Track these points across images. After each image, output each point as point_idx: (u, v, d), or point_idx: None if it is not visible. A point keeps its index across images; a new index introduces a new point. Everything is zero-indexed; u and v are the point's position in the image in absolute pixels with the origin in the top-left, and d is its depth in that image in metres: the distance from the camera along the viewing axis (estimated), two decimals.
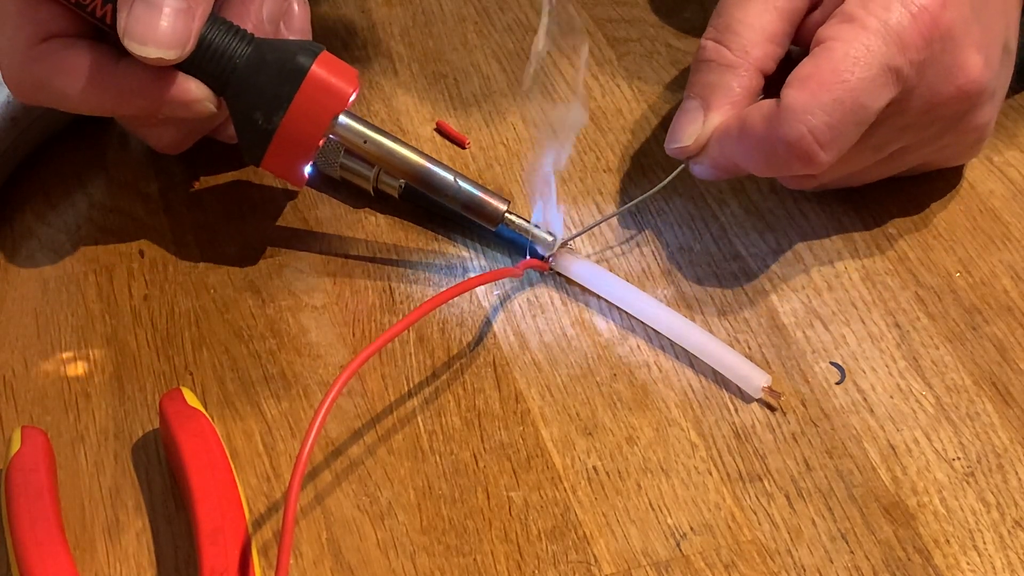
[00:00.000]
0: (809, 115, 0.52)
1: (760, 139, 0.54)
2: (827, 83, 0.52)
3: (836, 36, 0.53)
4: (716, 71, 0.56)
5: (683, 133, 0.56)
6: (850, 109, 0.52)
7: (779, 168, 0.54)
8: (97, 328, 0.56)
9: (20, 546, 0.46)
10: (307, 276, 0.59)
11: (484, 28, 0.71)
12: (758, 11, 0.56)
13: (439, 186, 0.56)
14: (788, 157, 0.53)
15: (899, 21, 0.53)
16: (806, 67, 0.53)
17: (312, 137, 0.54)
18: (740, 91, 0.56)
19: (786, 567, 0.49)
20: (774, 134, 0.53)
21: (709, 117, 0.56)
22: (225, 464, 0.49)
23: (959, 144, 0.58)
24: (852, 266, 0.59)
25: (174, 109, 0.54)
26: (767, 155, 0.54)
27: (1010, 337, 0.56)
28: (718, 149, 0.56)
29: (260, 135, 0.54)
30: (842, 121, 0.53)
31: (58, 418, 0.53)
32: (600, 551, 0.49)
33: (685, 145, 0.56)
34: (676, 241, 0.60)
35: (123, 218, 0.61)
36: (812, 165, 0.53)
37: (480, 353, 0.56)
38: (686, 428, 0.53)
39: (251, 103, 0.53)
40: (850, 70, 0.52)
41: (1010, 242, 0.60)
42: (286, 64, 0.53)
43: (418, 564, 0.49)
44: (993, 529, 0.50)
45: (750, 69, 0.56)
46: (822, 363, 0.55)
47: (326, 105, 0.54)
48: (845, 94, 0.52)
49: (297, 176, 0.56)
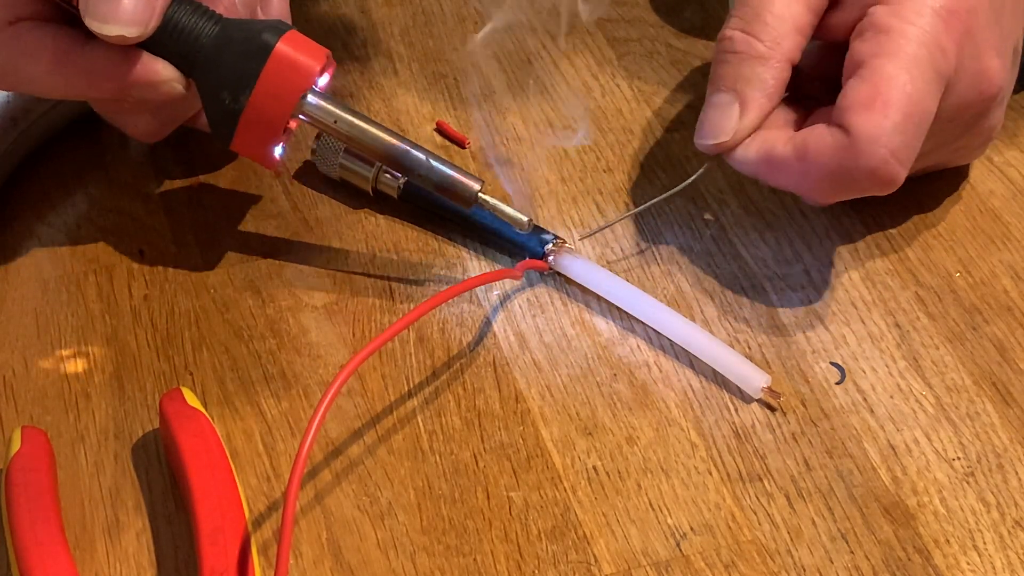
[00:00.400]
0: (887, 137, 0.51)
1: (835, 170, 0.52)
2: (893, 102, 0.51)
3: (879, 52, 0.52)
4: (748, 63, 0.55)
5: (719, 128, 0.55)
6: (920, 122, 0.52)
7: (852, 194, 0.54)
8: (97, 328, 0.56)
9: (20, 546, 0.46)
10: (307, 276, 0.59)
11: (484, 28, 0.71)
12: (788, 1, 0.55)
13: (412, 166, 0.55)
14: (870, 184, 0.52)
15: (933, 26, 0.52)
16: (863, 90, 0.52)
17: (280, 116, 0.53)
18: (774, 83, 0.55)
19: (786, 567, 0.49)
20: (854, 164, 0.52)
21: (746, 111, 0.55)
22: (225, 464, 0.49)
23: (970, 145, 0.58)
24: (852, 266, 0.59)
25: (142, 91, 0.53)
26: (844, 184, 0.53)
27: (1010, 337, 0.56)
28: (766, 170, 0.55)
29: (228, 115, 0.53)
30: (916, 136, 0.52)
31: (58, 418, 0.53)
32: (600, 551, 0.49)
33: (723, 141, 0.55)
34: (676, 241, 0.60)
35: (123, 218, 0.61)
36: (894, 186, 0.53)
37: (480, 353, 0.56)
38: (686, 428, 0.53)
39: (218, 82, 0.53)
40: (909, 83, 0.52)
41: (1010, 242, 0.60)
42: (252, 42, 0.52)
43: (418, 564, 0.49)
44: (993, 529, 0.50)
45: (782, 60, 0.55)
46: (822, 363, 0.55)
47: (293, 83, 0.53)
48: (912, 108, 0.52)
49: (267, 158, 0.55)
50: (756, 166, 0.55)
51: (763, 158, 0.54)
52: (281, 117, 0.53)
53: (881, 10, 0.53)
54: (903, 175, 0.52)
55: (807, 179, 0.54)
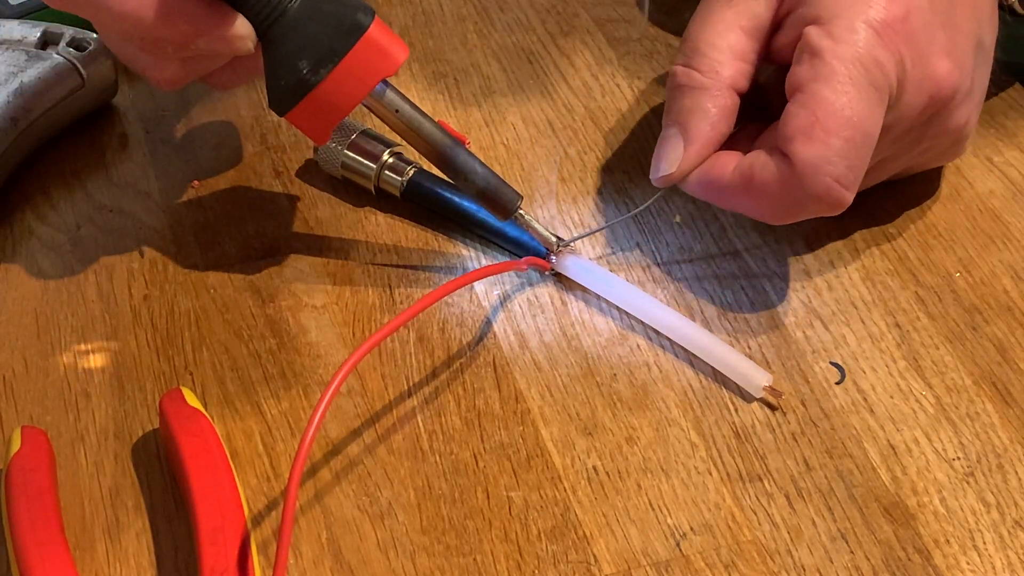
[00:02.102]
0: (829, 165, 0.52)
1: (780, 197, 0.53)
2: (832, 128, 0.52)
3: (814, 76, 0.52)
4: (689, 95, 0.55)
5: (665, 162, 0.56)
6: (862, 143, 0.52)
7: (802, 217, 0.54)
8: (97, 328, 0.56)
9: (20, 546, 0.46)
10: (307, 276, 0.59)
11: (484, 28, 0.71)
12: (722, 31, 0.56)
13: (461, 168, 0.55)
14: (816, 208, 0.53)
15: (867, 41, 0.52)
16: (800, 117, 0.52)
17: (353, 96, 0.53)
18: (716, 111, 0.55)
19: (786, 567, 0.49)
20: (798, 191, 0.52)
21: (690, 143, 0.55)
22: (225, 464, 0.49)
23: (938, 147, 0.58)
24: (852, 266, 0.59)
25: (213, 42, 0.52)
26: (791, 209, 0.53)
27: (1010, 337, 0.56)
28: (715, 197, 0.55)
29: (299, 84, 0.52)
30: (860, 157, 0.52)
31: (58, 418, 0.53)
32: (600, 551, 0.49)
33: (668, 173, 0.56)
34: (676, 241, 0.60)
35: (123, 218, 0.61)
36: (840, 208, 0.53)
37: (480, 353, 0.56)
38: (686, 428, 0.53)
39: (298, 51, 0.52)
40: (847, 106, 0.52)
41: (1010, 242, 0.60)
42: (344, 18, 0.52)
43: (418, 564, 0.49)
44: (993, 529, 0.50)
45: (723, 88, 0.55)
46: (822, 363, 0.55)
47: (376, 67, 0.52)
48: (852, 132, 0.52)
49: (323, 133, 0.54)
50: (705, 193, 0.56)
51: (712, 186, 0.55)
52: (355, 98, 0.53)
53: (814, 31, 0.53)
54: (849, 198, 0.53)
55: (755, 205, 0.54)
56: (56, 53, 0.63)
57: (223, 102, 0.67)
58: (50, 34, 0.64)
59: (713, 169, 0.55)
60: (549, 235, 0.57)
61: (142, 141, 0.65)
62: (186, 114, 0.66)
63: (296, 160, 0.64)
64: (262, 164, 0.64)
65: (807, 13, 0.54)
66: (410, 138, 0.55)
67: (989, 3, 0.57)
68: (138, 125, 0.66)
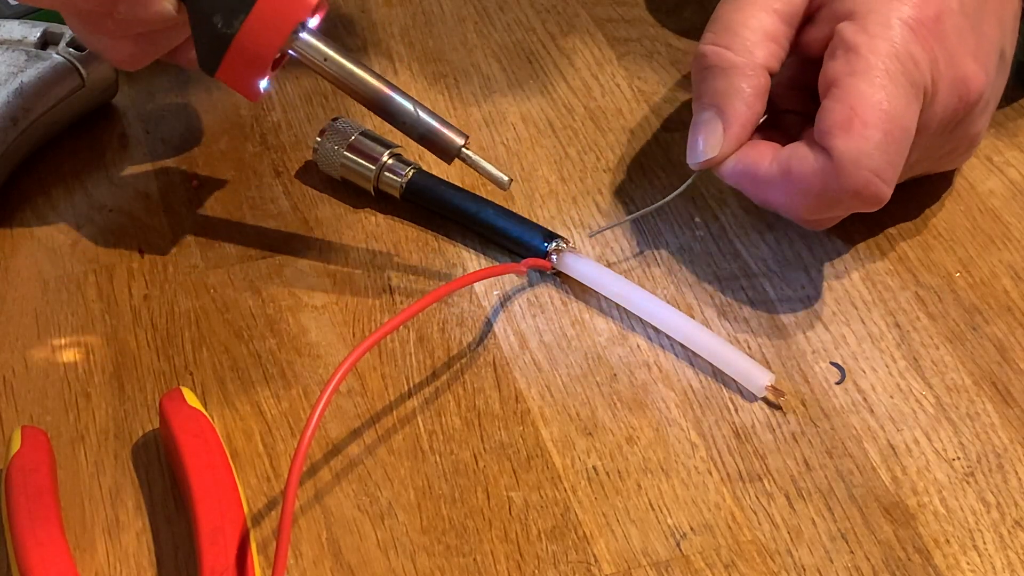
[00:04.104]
0: (868, 159, 0.51)
1: (820, 191, 0.53)
2: (871, 121, 0.51)
3: (851, 70, 0.52)
4: (722, 76, 0.55)
5: (705, 145, 0.55)
6: (901, 138, 0.52)
7: (838, 212, 0.54)
8: (97, 328, 0.56)
9: (20, 546, 0.46)
10: (307, 276, 0.59)
11: (484, 28, 0.71)
12: (755, 12, 0.55)
13: (397, 113, 0.54)
14: (855, 203, 0.53)
15: (903, 37, 0.52)
16: (839, 110, 0.52)
17: (271, 46, 0.53)
18: (751, 91, 0.55)
19: (786, 567, 0.49)
20: (837, 186, 0.52)
21: (729, 125, 0.55)
22: (225, 464, 0.49)
23: (953, 152, 0.58)
24: (852, 266, 0.59)
25: (132, 7, 0.52)
26: (828, 204, 0.53)
27: (1010, 337, 0.56)
28: (752, 187, 0.55)
29: (217, 40, 0.52)
30: (899, 152, 0.52)
31: (58, 418, 0.53)
32: (600, 551, 0.49)
33: (710, 158, 0.55)
34: (676, 241, 0.60)
35: (123, 218, 0.61)
36: (879, 204, 0.53)
37: (480, 353, 0.56)
38: (686, 428, 0.53)
39: (212, 6, 0.52)
40: (885, 100, 0.52)
41: (1010, 242, 0.60)
42: None
43: (418, 564, 0.49)
44: (993, 529, 0.50)
45: (756, 68, 0.55)
46: (822, 363, 0.55)
47: (287, 13, 0.52)
48: (891, 125, 0.52)
49: (252, 89, 0.54)
50: (742, 181, 0.55)
51: (749, 175, 0.55)
52: (272, 47, 0.53)
53: (848, 27, 0.53)
54: (888, 193, 0.53)
55: (792, 198, 0.54)
56: (56, 53, 0.63)
57: (223, 102, 0.67)
58: (50, 34, 0.64)
59: (750, 157, 0.55)
60: (500, 175, 0.55)
61: (142, 141, 0.65)
62: (186, 114, 0.66)
63: (296, 160, 0.64)
64: (262, 164, 0.64)
65: (840, 8, 0.54)
66: (343, 87, 0.55)
67: (1013, 14, 0.57)
68: (138, 125, 0.66)
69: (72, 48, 0.63)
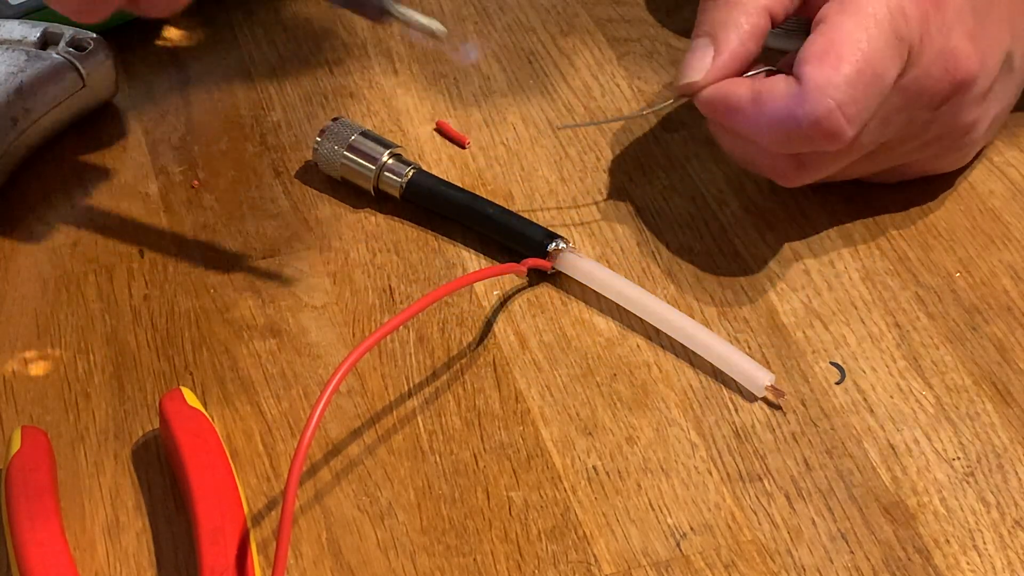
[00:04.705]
0: (836, 90, 0.52)
1: (783, 118, 0.53)
2: (845, 56, 0.52)
3: (841, 10, 0.53)
4: (723, 8, 0.56)
5: (692, 69, 0.56)
6: (871, 79, 0.53)
7: (799, 145, 0.54)
8: (97, 328, 0.56)
9: (20, 546, 0.46)
10: (307, 276, 0.59)
11: (484, 28, 0.71)
12: None
13: None
14: (814, 134, 0.53)
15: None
16: (818, 43, 0.53)
17: None
18: (748, 28, 0.56)
19: (786, 567, 0.49)
20: (799, 111, 0.53)
21: (719, 53, 0.56)
22: (225, 464, 0.49)
23: (942, 144, 0.58)
24: (852, 266, 0.59)
25: None
26: (789, 132, 0.54)
27: (1010, 337, 0.56)
28: (723, 113, 0.56)
29: None
30: (865, 92, 0.53)
31: (58, 418, 0.53)
32: (600, 551, 0.49)
33: (694, 80, 0.56)
34: (676, 241, 0.60)
35: (123, 218, 0.61)
36: (838, 141, 0.53)
37: (480, 353, 0.56)
38: (686, 428, 0.53)
39: None
40: (865, 40, 0.53)
41: (1010, 242, 0.60)
42: None
43: (418, 564, 0.49)
44: (993, 529, 0.50)
45: (758, 7, 0.56)
46: (822, 363, 0.55)
47: None
48: (864, 64, 0.52)
49: None
50: (714, 107, 0.56)
51: (722, 101, 0.55)
52: None
53: None
54: (848, 131, 0.53)
55: (758, 125, 0.54)
56: (56, 53, 0.63)
57: (223, 102, 0.67)
58: (50, 34, 0.64)
59: (727, 85, 0.56)
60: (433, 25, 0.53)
61: (142, 141, 0.65)
62: (186, 114, 0.66)
63: (296, 160, 0.64)
64: (262, 164, 0.64)
65: None
66: None
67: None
68: (138, 125, 0.66)
69: (72, 48, 0.63)
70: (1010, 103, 0.60)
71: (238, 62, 0.69)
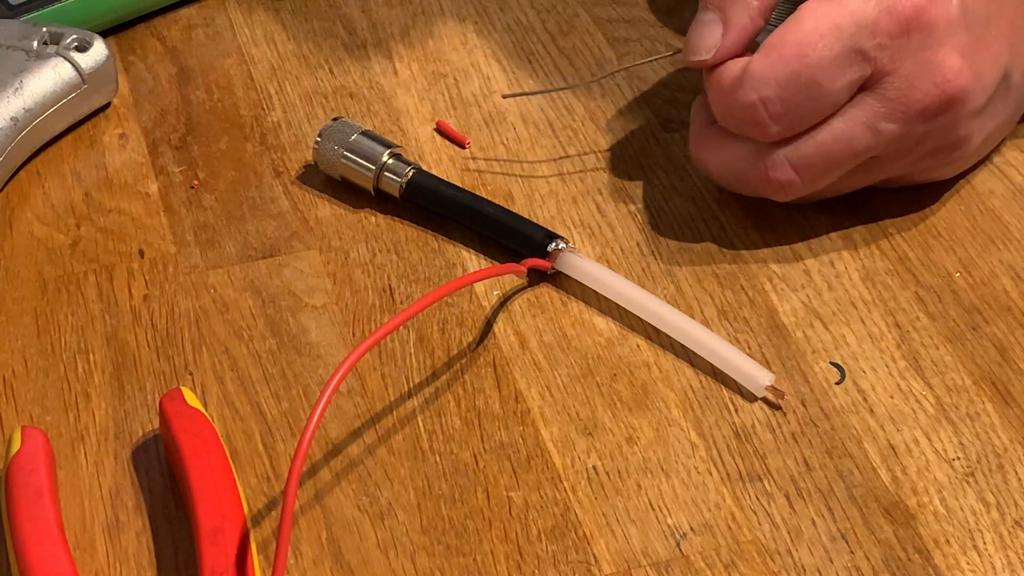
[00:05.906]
0: (764, 85, 0.54)
1: (722, 96, 0.55)
2: (787, 57, 0.54)
3: (813, 8, 0.54)
4: None
5: (701, 45, 0.57)
6: (805, 85, 0.54)
7: (735, 127, 0.56)
8: (97, 328, 0.56)
9: (20, 546, 0.46)
10: (307, 276, 0.59)
11: (484, 28, 0.71)
12: None
13: None
14: (742, 120, 0.55)
15: (877, 3, 0.54)
16: (775, 35, 0.54)
17: None
18: (758, 5, 0.56)
19: (786, 567, 0.49)
20: (733, 95, 0.54)
21: (728, 30, 0.56)
22: (225, 464, 0.49)
23: (936, 159, 0.58)
24: (852, 266, 0.59)
25: None
26: (725, 112, 0.56)
27: (1010, 337, 0.56)
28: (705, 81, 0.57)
29: None
30: (795, 96, 0.54)
31: (58, 418, 0.53)
32: (600, 551, 0.49)
33: (704, 58, 0.56)
34: (676, 241, 0.60)
35: (123, 218, 0.61)
36: (763, 134, 0.55)
37: (480, 353, 0.56)
38: (686, 428, 0.53)
39: None
40: (813, 46, 0.53)
41: (1010, 242, 0.60)
42: None
43: (418, 564, 0.49)
44: (993, 529, 0.50)
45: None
46: (822, 363, 0.55)
47: None
48: (803, 70, 0.53)
49: None
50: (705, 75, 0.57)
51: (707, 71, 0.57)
52: None
53: None
54: (773, 129, 0.54)
55: (709, 94, 0.56)
56: (56, 53, 0.63)
57: (223, 102, 0.67)
58: (50, 34, 0.64)
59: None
60: None
61: (142, 141, 0.65)
62: (186, 114, 0.66)
63: (296, 160, 0.64)
64: (262, 164, 0.64)
65: None
66: None
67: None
68: (138, 125, 0.66)
69: (72, 48, 0.63)
70: (1008, 120, 0.59)
71: (238, 62, 0.69)
